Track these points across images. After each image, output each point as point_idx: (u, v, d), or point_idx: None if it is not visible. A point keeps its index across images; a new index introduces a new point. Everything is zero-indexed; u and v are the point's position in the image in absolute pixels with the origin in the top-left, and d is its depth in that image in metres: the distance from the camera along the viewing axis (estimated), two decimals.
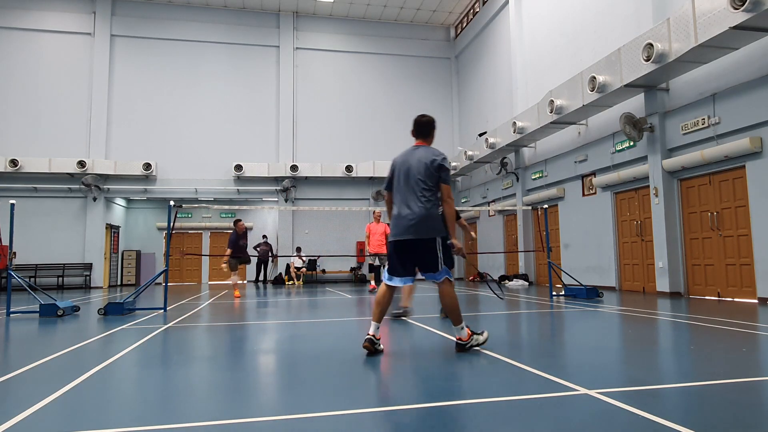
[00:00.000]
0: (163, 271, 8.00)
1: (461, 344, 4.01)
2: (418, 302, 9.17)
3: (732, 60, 8.35)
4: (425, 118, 4.30)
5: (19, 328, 6.11)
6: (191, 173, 17.92)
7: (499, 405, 2.63)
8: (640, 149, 10.31)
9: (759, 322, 5.65)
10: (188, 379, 3.41)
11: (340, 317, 6.97)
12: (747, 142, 7.92)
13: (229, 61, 18.79)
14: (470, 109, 19.27)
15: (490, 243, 17.06)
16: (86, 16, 17.73)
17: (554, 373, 3.24)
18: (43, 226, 16.64)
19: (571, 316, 6.58)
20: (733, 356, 3.77)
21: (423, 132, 4.26)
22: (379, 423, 2.41)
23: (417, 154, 4.11)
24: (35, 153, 16.65)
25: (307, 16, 19.61)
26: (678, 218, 9.59)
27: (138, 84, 17.95)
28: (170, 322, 6.50)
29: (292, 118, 18.96)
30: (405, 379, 3.32)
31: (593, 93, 10.23)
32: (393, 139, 19.61)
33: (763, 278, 7.88)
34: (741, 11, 6.90)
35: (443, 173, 3.99)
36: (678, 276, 9.46)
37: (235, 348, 4.61)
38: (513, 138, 13.80)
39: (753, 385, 2.95)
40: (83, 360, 4.03)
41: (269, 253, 16.57)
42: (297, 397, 2.86)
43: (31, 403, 2.73)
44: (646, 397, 2.68)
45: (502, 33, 16.57)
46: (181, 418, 2.51)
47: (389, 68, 20.04)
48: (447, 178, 4.03)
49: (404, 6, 18.98)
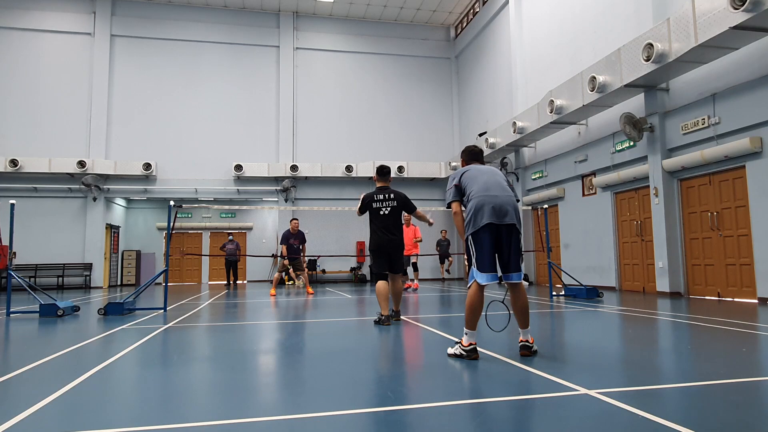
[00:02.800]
0: (163, 271, 8.00)
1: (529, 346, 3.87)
2: (416, 303, 9.17)
3: (732, 60, 8.35)
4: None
5: (19, 328, 6.11)
6: (191, 173, 17.92)
7: (499, 405, 2.63)
8: (640, 149, 10.31)
9: (759, 322, 5.65)
10: (188, 379, 3.41)
11: (340, 317, 6.97)
12: (747, 142, 7.92)
13: (229, 61, 18.79)
14: (470, 109, 19.27)
15: None
16: (86, 16, 17.73)
17: (554, 373, 3.24)
18: (43, 226, 16.64)
19: (571, 316, 6.58)
20: (733, 356, 3.77)
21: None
22: (379, 423, 2.41)
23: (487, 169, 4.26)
24: (35, 153, 16.65)
25: (307, 16, 19.62)
26: (678, 218, 9.59)
27: (138, 84, 17.95)
28: (170, 322, 6.50)
29: (292, 118, 18.97)
30: (405, 380, 3.32)
31: (593, 93, 10.23)
32: (393, 139, 19.63)
33: (763, 278, 7.88)
34: (741, 11, 6.90)
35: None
36: (678, 276, 9.46)
37: (235, 348, 4.61)
38: (513, 138, 13.81)
39: (753, 385, 2.95)
40: (83, 360, 4.03)
41: (237, 253, 16.62)
42: (297, 397, 2.86)
43: (31, 403, 2.73)
44: (646, 397, 2.68)
45: (502, 33, 16.57)
46: (181, 418, 2.51)
47: (389, 68, 20.04)
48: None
49: (404, 6, 18.98)
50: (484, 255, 3.80)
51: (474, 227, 3.86)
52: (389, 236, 5.98)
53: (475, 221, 3.86)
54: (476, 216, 3.86)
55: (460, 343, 3.85)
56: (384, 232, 5.99)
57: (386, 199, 6.03)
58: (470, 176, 4.07)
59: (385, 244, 5.97)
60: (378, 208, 6.03)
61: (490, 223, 3.81)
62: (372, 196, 6.10)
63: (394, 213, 6.03)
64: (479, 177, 4.03)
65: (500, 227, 3.83)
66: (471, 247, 3.89)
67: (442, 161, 19.30)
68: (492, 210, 3.82)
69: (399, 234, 6.06)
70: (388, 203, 6.02)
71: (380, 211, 6.02)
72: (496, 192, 3.92)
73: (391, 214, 6.01)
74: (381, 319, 5.84)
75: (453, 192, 4.10)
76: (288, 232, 11.71)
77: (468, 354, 3.76)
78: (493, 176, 4.07)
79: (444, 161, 19.25)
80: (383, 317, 5.83)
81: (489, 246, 3.81)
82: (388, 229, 5.99)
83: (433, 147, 19.94)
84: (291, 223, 11.88)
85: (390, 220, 6.01)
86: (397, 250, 6.06)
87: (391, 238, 5.99)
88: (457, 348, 3.84)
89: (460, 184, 4.08)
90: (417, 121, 20.03)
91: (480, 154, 4.44)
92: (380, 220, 6.01)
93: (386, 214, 6.00)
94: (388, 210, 6.01)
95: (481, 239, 3.82)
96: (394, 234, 6.01)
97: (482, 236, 3.82)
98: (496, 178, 4.06)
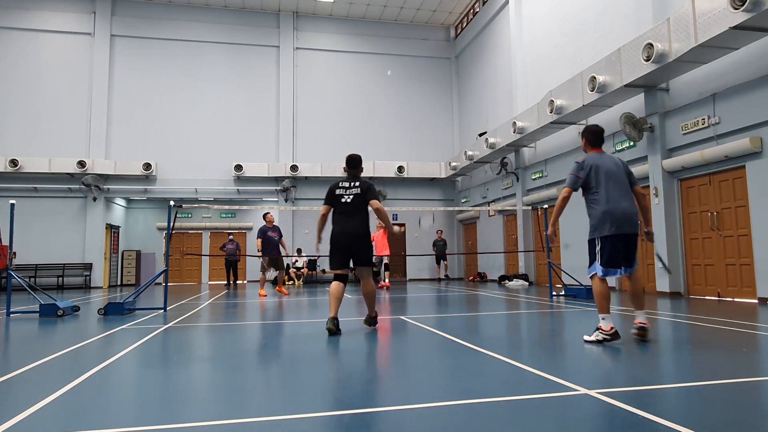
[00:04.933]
0: (163, 271, 8.00)
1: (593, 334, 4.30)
2: (411, 302, 9.18)
3: (732, 60, 8.34)
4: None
5: (19, 328, 6.11)
6: (191, 173, 17.92)
7: (499, 405, 2.63)
8: (640, 149, 10.31)
9: (759, 322, 5.65)
10: (188, 379, 3.41)
11: (340, 317, 6.95)
12: (747, 142, 7.92)
13: (229, 61, 18.79)
14: (470, 109, 19.27)
15: (490, 243, 17.06)
16: (86, 16, 17.73)
17: (554, 373, 3.24)
18: (43, 226, 16.64)
19: (571, 316, 6.58)
20: (733, 356, 3.77)
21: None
22: (379, 423, 2.41)
23: (607, 159, 4.62)
24: (35, 153, 16.65)
25: (307, 16, 19.62)
26: (678, 218, 9.58)
27: (138, 84, 17.95)
28: (170, 322, 6.50)
29: (292, 118, 18.97)
30: (405, 379, 3.32)
31: (593, 93, 10.23)
32: (393, 139, 19.63)
33: (763, 278, 7.88)
34: (741, 11, 6.89)
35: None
36: (678, 276, 9.46)
37: (234, 348, 4.61)
38: (513, 138, 13.80)
39: (753, 385, 2.95)
40: (83, 360, 4.03)
41: (237, 253, 16.62)
42: (297, 396, 2.86)
43: (31, 403, 2.73)
44: (646, 397, 2.68)
45: (502, 33, 16.57)
46: (181, 418, 2.51)
47: (389, 68, 20.04)
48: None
49: (404, 6, 18.98)
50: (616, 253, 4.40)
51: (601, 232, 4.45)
52: (348, 226, 5.29)
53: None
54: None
55: (600, 329, 4.18)
56: (342, 223, 5.32)
57: (350, 186, 5.40)
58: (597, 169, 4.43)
59: (343, 235, 5.29)
60: (340, 195, 5.39)
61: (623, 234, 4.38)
62: (337, 183, 5.55)
63: (357, 201, 5.32)
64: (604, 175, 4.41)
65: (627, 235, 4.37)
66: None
67: (442, 161, 19.30)
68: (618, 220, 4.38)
69: (361, 225, 5.32)
70: (351, 191, 5.37)
71: (342, 198, 5.37)
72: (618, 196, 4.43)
73: (353, 203, 5.32)
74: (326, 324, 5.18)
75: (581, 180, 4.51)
76: (265, 227, 11.31)
77: (612, 337, 4.14)
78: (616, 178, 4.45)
79: (444, 161, 19.25)
80: (328, 321, 5.18)
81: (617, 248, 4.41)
82: (348, 219, 5.31)
83: (433, 147, 19.94)
84: (266, 217, 11.35)
85: (350, 208, 5.32)
86: (359, 242, 5.32)
87: (349, 228, 5.29)
88: (598, 334, 4.18)
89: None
90: (417, 121, 20.04)
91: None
92: (341, 207, 5.36)
93: (347, 201, 5.33)
94: (350, 198, 5.34)
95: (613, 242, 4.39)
96: (355, 224, 5.30)
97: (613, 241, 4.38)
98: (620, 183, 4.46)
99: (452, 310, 7.66)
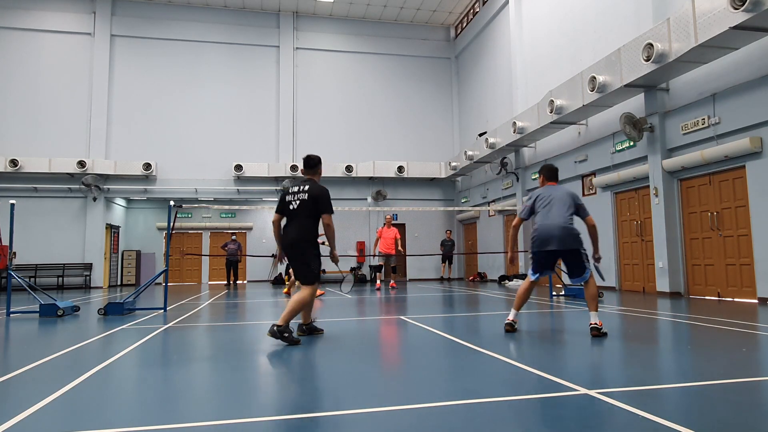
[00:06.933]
0: (163, 271, 8.00)
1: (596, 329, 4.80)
2: (411, 302, 9.18)
3: (732, 60, 8.34)
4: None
5: (19, 328, 6.11)
6: (191, 173, 17.91)
7: (499, 405, 2.63)
8: (640, 149, 10.31)
9: (759, 322, 5.65)
10: (188, 379, 3.41)
11: (340, 317, 6.97)
12: (747, 142, 7.92)
13: (229, 61, 18.79)
14: (470, 109, 19.27)
15: (490, 243, 17.06)
16: (86, 16, 17.73)
17: (554, 373, 3.24)
18: (43, 226, 16.63)
19: (571, 316, 6.58)
20: (733, 356, 3.77)
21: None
22: (378, 423, 2.41)
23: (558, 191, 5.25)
24: (35, 153, 16.64)
25: (307, 16, 19.62)
26: (678, 218, 9.58)
27: (138, 84, 17.95)
28: (170, 322, 6.50)
29: (292, 118, 18.97)
30: (405, 379, 3.32)
31: (593, 93, 10.23)
32: (393, 139, 19.63)
33: (763, 278, 7.88)
34: (741, 11, 6.89)
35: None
36: (678, 276, 9.46)
37: (234, 348, 4.61)
38: (513, 138, 13.80)
39: (753, 385, 2.95)
40: (83, 360, 4.03)
41: (238, 253, 16.63)
42: (297, 396, 2.86)
43: (31, 403, 2.73)
44: (646, 397, 2.68)
45: (502, 33, 16.57)
46: (181, 418, 2.51)
47: (389, 68, 20.04)
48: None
49: (404, 6, 18.97)
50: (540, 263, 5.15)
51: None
52: (287, 233, 4.89)
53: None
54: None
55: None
56: (286, 232, 4.92)
57: (299, 191, 4.89)
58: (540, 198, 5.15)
59: (284, 245, 4.91)
60: (289, 201, 4.92)
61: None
62: (288, 188, 5.20)
63: (303, 208, 4.80)
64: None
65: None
66: None
67: (442, 161, 19.29)
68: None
69: (300, 232, 4.82)
70: (299, 195, 4.86)
71: (290, 204, 4.89)
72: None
73: (297, 209, 4.82)
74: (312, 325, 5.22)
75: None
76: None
77: (507, 327, 5.10)
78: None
79: (444, 161, 19.25)
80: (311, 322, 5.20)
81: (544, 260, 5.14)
82: (289, 226, 4.90)
83: (433, 147, 19.94)
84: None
85: (294, 215, 4.85)
86: (294, 250, 4.88)
87: (287, 236, 4.88)
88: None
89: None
90: (417, 121, 20.03)
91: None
92: (288, 214, 4.91)
93: (294, 209, 4.85)
94: (296, 204, 4.84)
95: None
96: (293, 232, 4.84)
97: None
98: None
99: (452, 310, 7.66)
